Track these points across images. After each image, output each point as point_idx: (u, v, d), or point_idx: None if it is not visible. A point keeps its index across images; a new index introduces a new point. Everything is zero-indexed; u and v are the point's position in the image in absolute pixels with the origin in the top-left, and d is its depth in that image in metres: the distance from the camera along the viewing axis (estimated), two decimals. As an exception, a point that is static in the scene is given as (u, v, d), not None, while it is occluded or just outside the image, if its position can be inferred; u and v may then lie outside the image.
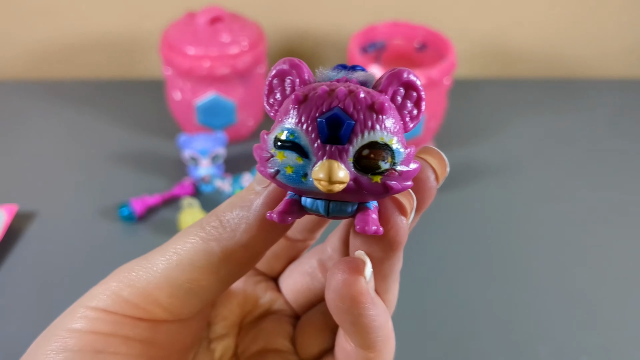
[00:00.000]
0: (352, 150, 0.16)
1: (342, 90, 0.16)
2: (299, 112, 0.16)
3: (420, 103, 0.17)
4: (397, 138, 0.17)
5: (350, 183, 0.16)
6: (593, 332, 0.43)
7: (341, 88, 0.16)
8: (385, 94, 0.17)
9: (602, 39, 0.74)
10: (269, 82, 0.17)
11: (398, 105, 0.17)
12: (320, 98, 0.16)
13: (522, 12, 0.71)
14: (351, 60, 0.54)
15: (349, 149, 0.16)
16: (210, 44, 0.54)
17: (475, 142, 0.63)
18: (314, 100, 0.16)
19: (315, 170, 0.16)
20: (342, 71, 0.18)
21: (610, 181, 0.58)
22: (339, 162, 0.16)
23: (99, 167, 0.58)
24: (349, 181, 0.16)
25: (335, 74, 0.18)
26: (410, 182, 0.17)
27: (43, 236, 0.51)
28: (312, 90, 0.17)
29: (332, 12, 0.70)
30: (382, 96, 0.17)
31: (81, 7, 0.69)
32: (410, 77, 0.17)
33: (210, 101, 0.56)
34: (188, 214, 0.49)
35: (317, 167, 0.16)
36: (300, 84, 0.17)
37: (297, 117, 0.16)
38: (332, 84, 0.17)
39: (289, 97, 0.17)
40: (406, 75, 0.17)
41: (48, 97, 0.68)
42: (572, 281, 0.48)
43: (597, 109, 0.69)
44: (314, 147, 0.16)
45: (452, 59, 0.54)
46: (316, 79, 0.18)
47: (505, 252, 0.50)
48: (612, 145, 0.63)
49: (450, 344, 0.43)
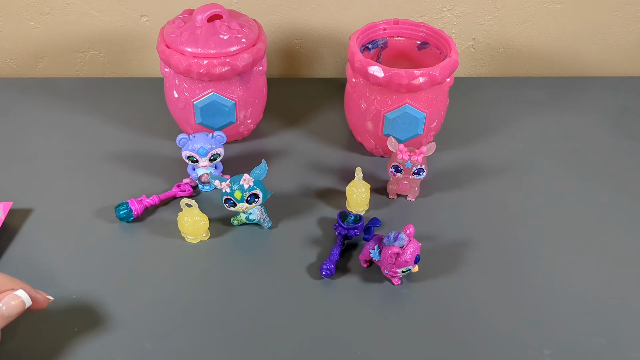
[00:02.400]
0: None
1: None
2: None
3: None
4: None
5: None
6: (598, 333, 0.43)
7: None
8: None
9: (606, 36, 0.74)
10: None
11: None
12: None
13: (524, 10, 0.71)
14: (351, 58, 0.54)
15: None
16: (209, 42, 0.53)
17: (476, 141, 0.63)
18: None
19: None
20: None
21: (614, 179, 0.58)
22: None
23: (97, 166, 0.57)
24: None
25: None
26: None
27: (38, 234, 0.50)
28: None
29: (332, 9, 0.70)
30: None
31: (79, 5, 0.68)
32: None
33: (210, 101, 0.55)
34: (186, 214, 0.48)
35: None
36: None
37: None
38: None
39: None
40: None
41: (45, 95, 0.68)
42: (575, 281, 0.47)
43: (600, 107, 0.69)
44: None
45: (454, 57, 0.53)
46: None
47: (508, 251, 0.49)
48: (616, 143, 0.63)
49: (453, 346, 0.42)
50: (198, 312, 0.44)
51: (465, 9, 0.70)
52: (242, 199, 0.47)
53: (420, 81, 0.51)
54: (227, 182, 0.47)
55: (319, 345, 0.42)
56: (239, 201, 0.47)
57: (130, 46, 0.72)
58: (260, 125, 0.63)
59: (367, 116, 0.55)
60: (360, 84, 0.55)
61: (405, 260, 0.44)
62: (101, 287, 0.45)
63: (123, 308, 0.44)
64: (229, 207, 0.48)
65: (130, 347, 0.41)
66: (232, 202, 0.47)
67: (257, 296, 0.45)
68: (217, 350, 0.41)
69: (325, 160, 0.60)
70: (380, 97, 0.53)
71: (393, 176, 0.53)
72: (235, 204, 0.48)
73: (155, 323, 0.43)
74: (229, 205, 0.48)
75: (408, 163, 0.51)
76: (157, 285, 0.46)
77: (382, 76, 0.51)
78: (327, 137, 0.63)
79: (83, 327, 0.42)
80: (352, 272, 0.48)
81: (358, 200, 0.52)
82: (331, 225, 0.52)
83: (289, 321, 0.43)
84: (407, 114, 0.53)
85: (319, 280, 0.47)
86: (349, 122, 0.61)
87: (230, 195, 0.47)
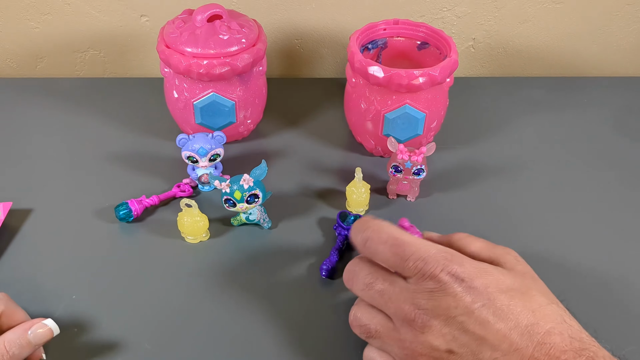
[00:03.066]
0: None
1: None
2: None
3: None
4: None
5: None
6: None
7: None
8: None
9: (606, 36, 0.74)
10: None
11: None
12: None
13: (524, 10, 0.71)
14: (351, 58, 0.54)
15: None
16: (209, 42, 0.53)
17: (477, 142, 0.63)
18: None
19: None
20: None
21: (615, 180, 0.58)
22: None
23: (96, 167, 0.57)
24: None
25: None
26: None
27: (38, 234, 0.50)
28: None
29: (332, 9, 0.70)
30: None
31: (79, 5, 0.68)
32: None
33: (210, 101, 0.55)
34: (186, 214, 0.48)
35: None
36: None
37: None
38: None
39: None
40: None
41: (45, 95, 0.67)
42: (577, 282, 0.47)
43: (600, 107, 0.68)
44: None
45: (454, 57, 0.53)
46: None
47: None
48: (616, 143, 0.63)
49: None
50: (198, 312, 0.44)
51: (465, 9, 0.70)
52: (242, 199, 0.47)
53: (420, 81, 0.51)
54: (227, 183, 0.47)
55: (319, 345, 0.42)
56: (238, 201, 0.47)
57: (130, 46, 0.72)
58: (260, 125, 0.63)
59: (367, 116, 0.55)
60: (360, 84, 0.55)
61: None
62: (101, 287, 0.45)
63: (122, 308, 0.44)
64: (228, 207, 0.48)
65: (129, 347, 0.41)
66: (232, 202, 0.47)
67: (257, 296, 0.45)
68: (217, 350, 0.41)
69: (325, 160, 0.60)
70: (380, 97, 0.53)
71: (393, 176, 0.52)
72: (235, 204, 0.48)
73: (155, 323, 0.43)
74: (228, 205, 0.48)
75: (408, 163, 0.51)
76: (156, 285, 0.46)
77: (382, 76, 0.51)
78: (327, 137, 0.63)
79: (82, 328, 0.42)
80: (352, 272, 0.48)
81: (358, 201, 0.52)
82: (331, 225, 0.52)
83: (288, 321, 0.43)
84: (407, 114, 0.53)
85: (319, 280, 0.47)
86: (349, 122, 0.61)
87: (230, 195, 0.47)
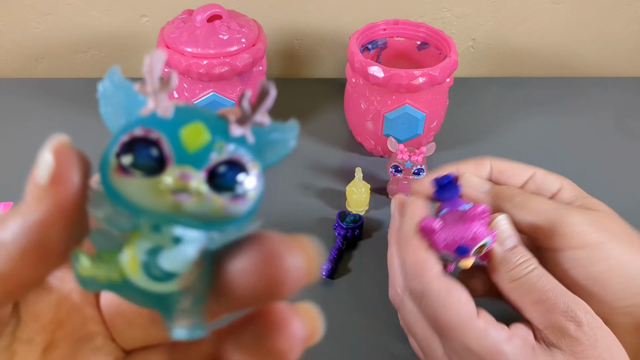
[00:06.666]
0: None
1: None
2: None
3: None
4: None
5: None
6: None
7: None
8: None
9: (606, 36, 0.74)
10: None
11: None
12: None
13: (524, 10, 0.71)
14: (351, 59, 0.54)
15: None
16: (209, 43, 0.53)
17: (477, 142, 0.63)
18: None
19: None
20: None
21: (615, 179, 0.58)
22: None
23: (96, 167, 0.57)
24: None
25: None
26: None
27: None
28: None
29: (332, 9, 0.70)
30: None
31: (79, 5, 0.68)
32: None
33: (209, 101, 0.55)
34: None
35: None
36: None
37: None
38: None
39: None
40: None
41: (45, 95, 0.68)
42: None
43: (601, 108, 0.68)
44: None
45: (454, 57, 0.53)
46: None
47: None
48: (616, 143, 0.63)
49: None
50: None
51: (465, 9, 0.70)
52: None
53: (420, 81, 0.51)
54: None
55: (318, 345, 0.42)
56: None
57: (131, 46, 0.72)
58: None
59: (367, 116, 0.55)
60: (360, 84, 0.55)
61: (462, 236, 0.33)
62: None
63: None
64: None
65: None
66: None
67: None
68: (217, 350, 0.41)
69: (325, 160, 0.60)
70: (380, 97, 0.54)
71: (393, 176, 0.53)
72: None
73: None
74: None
75: (408, 163, 0.51)
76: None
77: (382, 76, 0.51)
78: (327, 137, 0.63)
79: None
80: (352, 272, 0.48)
81: (358, 200, 0.52)
82: (331, 225, 0.52)
83: (288, 321, 0.43)
84: (407, 114, 0.53)
85: (319, 280, 0.47)
86: (348, 122, 0.61)
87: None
